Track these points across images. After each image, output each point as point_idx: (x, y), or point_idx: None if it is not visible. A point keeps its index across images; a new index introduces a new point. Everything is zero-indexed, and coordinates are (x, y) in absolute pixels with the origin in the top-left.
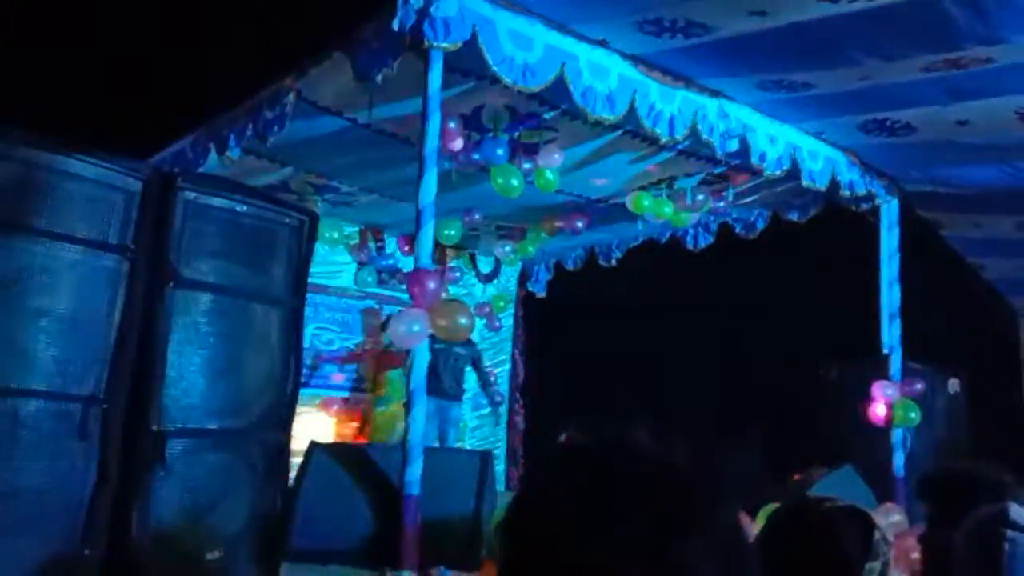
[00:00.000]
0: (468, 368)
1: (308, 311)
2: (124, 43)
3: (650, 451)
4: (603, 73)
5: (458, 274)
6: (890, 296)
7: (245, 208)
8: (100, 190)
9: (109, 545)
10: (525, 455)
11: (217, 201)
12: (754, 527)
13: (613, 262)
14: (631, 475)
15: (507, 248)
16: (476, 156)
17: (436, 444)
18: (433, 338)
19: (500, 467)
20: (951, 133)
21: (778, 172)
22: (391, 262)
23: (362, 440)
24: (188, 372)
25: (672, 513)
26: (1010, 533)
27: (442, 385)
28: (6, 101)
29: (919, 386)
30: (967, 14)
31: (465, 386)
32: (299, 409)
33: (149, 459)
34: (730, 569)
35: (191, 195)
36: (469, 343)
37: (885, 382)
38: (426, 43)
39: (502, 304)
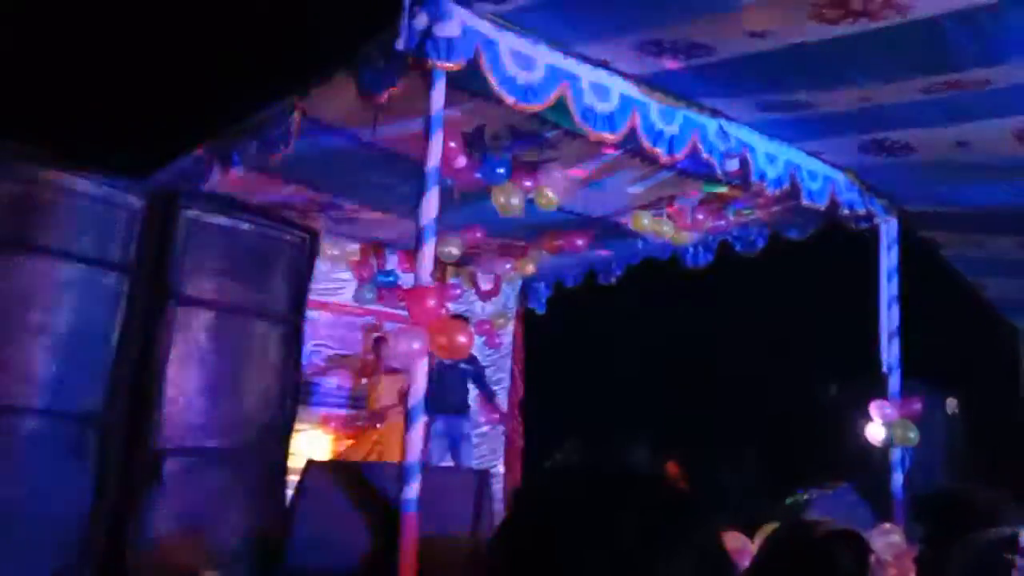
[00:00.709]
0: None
1: (307, 328)
2: (128, 61)
3: (639, 468)
4: (604, 93)
5: (458, 291)
6: (889, 315)
7: (247, 226)
8: (102, 208)
9: (105, 562)
10: (523, 473)
11: (219, 219)
12: (751, 546)
13: (613, 280)
14: (619, 491)
15: (507, 266)
16: (477, 175)
17: (449, 460)
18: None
19: (498, 485)
20: (950, 153)
21: (777, 191)
22: (392, 279)
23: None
24: (187, 390)
25: (657, 528)
26: (1020, 561)
27: (448, 402)
28: (9, 118)
29: (918, 406)
30: (966, 36)
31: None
32: (302, 426)
33: (146, 477)
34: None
35: (193, 213)
36: (471, 359)
37: (884, 402)
38: (429, 63)
39: (501, 321)
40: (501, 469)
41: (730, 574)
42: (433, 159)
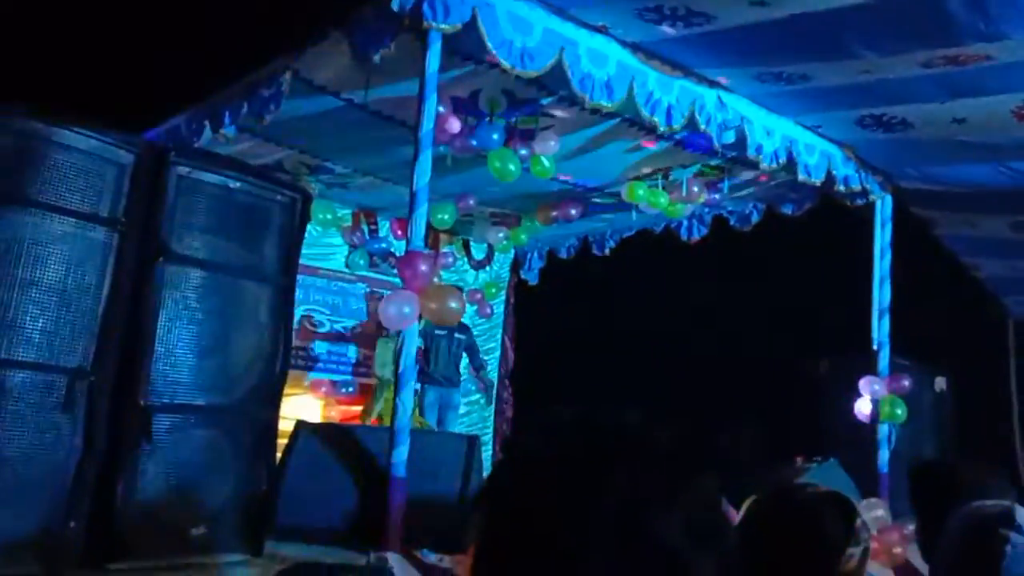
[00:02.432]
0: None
1: (298, 293)
2: (122, 18)
3: (631, 425)
4: (602, 60)
5: (451, 259)
6: (881, 292)
7: (238, 185)
8: (92, 162)
9: (94, 518)
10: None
11: (210, 177)
12: (736, 516)
13: (607, 251)
14: (610, 445)
15: (500, 235)
16: (472, 141)
17: (436, 429)
18: (434, 325)
19: (487, 453)
20: (948, 130)
21: (774, 165)
22: (383, 245)
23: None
24: (176, 347)
25: (649, 485)
26: (1014, 536)
27: (441, 372)
28: (2, 73)
29: (906, 383)
30: (968, 10)
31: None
32: (293, 391)
33: (135, 433)
34: (706, 545)
35: (184, 170)
36: (465, 329)
37: (873, 378)
38: (425, 24)
39: (494, 291)
40: (491, 438)
41: (724, 534)
42: (427, 122)
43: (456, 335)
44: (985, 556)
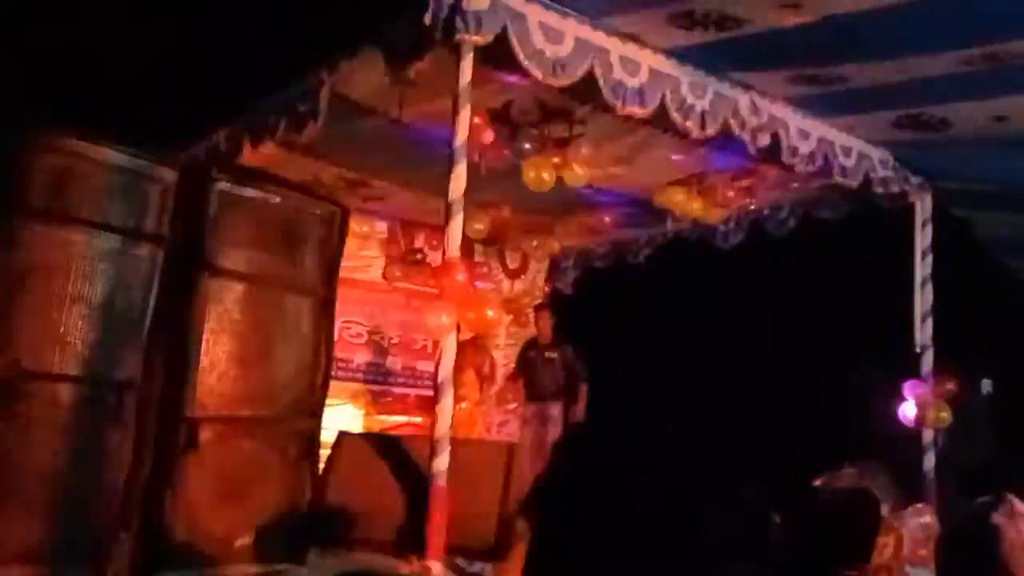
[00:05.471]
0: None
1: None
2: (161, 36)
3: (677, 431)
4: (634, 67)
5: (485, 269)
6: (923, 295)
7: (278, 199)
8: (136, 180)
9: (142, 528)
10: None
11: (251, 192)
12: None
13: (641, 259)
14: (658, 451)
15: (535, 244)
16: (506, 151)
17: (536, 444)
18: (531, 344)
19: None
20: (988, 129)
21: (810, 168)
22: (420, 257)
23: None
24: (220, 360)
25: (696, 487)
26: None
27: (539, 387)
28: (48, 93)
29: (951, 386)
30: (1006, 5)
31: None
32: (334, 401)
33: (182, 445)
34: (751, 542)
35: (225, 185)
36: (565, 348)
37: (917, 382)
38: (457, 36)
39: (528, 300)
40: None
41: (768, 532)
42: (461, 134)
43: (546, 353)
44: (974, 542)
